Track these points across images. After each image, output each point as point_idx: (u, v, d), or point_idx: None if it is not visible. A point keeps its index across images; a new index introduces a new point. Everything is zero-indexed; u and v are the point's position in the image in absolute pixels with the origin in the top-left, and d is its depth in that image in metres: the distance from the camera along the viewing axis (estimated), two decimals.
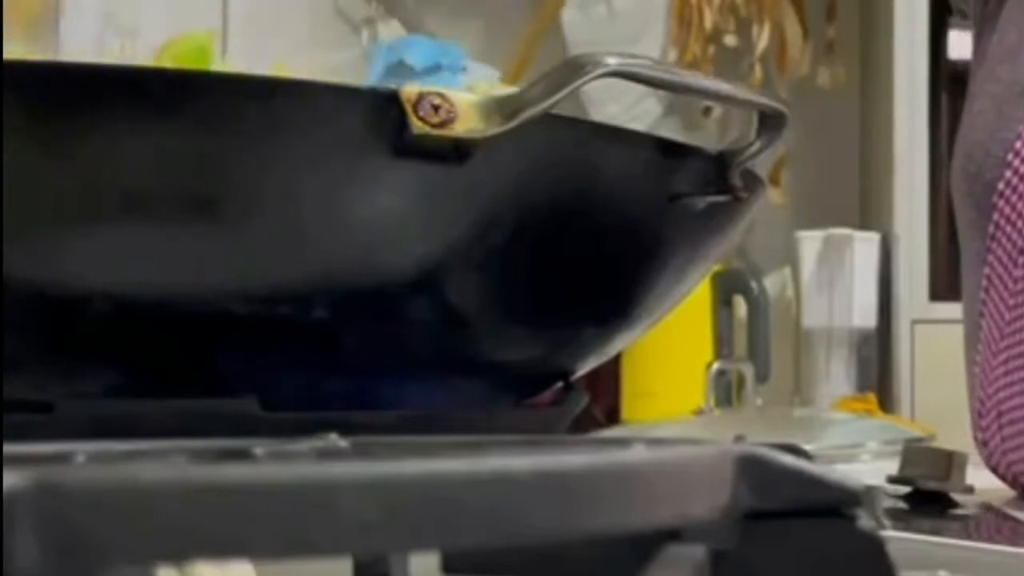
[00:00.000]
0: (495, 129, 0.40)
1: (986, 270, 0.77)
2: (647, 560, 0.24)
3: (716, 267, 1.58)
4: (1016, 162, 0.76)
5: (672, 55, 1.96)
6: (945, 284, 1.87)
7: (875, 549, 0.27)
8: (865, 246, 1.88)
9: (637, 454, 0.23)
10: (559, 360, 0.50)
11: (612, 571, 0.28)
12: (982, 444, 0.76)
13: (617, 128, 0.47)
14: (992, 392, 0.76)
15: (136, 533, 0.17)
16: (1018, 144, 0.76)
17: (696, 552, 0.25)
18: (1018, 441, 0.75)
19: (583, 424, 0.64)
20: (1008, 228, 0.76)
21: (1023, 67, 0.77)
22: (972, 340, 0.80)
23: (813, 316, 1.88)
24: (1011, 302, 0.76)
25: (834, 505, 0.28)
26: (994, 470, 0.76)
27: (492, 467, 0.20)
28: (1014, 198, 0.76)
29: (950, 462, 0.55)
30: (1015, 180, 0.76)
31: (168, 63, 0.43)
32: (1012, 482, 0.75)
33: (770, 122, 0.47)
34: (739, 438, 0.41)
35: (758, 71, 1.98)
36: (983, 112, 0.79)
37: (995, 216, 0.77)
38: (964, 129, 0.82)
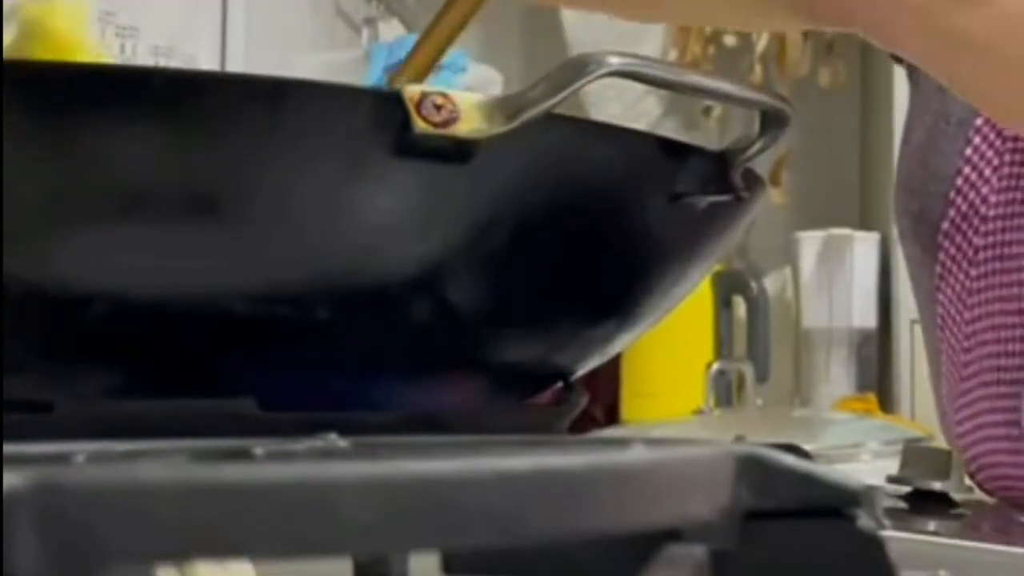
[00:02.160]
0: (497, 129, 0.40)
1: (939, 309, 0.76)
2: (647, 560, 0.24)
3: (716, 267, 1.58)
4: (959, 200, 0.74)
5: (672, 55, 1.96)
6: None
7: (875, 549, 0.27)
8: (865, 246, 1.88)
9: (637, 454, 0.23)
10: (559, 360, 0.50)
11: (612, 571, 0.28)
12: (969, 475, 0.75)
13: (619, 127, 0.47)
14: (960, 433, 0.75)
15: (136, 533, 0.17)
16: (959, 181, 0.74)
17: (696, 552, 0.25)
18: (997, 483, 0.74)
19: (583, 424, 0.64)
20: (955, 268, 0.74)
21: (956, 98, 0.76)
22: (935, 376, 0.79)
23: (813, 316, 1.88)
24: (965, 344, 0.74)
25: (834, 505, 0.28)
26: (989, 494, 0.76)
27: (492, 467, 0.20)
28: (959, 238, 0.74)
29: (950, 462, 0.55)
30: (958, 219, 0.74)
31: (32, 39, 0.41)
32: (1011, 504, 0.74)
33: (772, 121, 0.47)
34: (739, 438, 0.41)
35: (758, 71, 1.98)
36: (921, 147, 0.77)
37: (941, 256, 0.75)
38: (903, 163, 0.80)
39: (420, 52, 0.56)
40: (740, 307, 1.79)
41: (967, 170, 0.73)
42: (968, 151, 0.74)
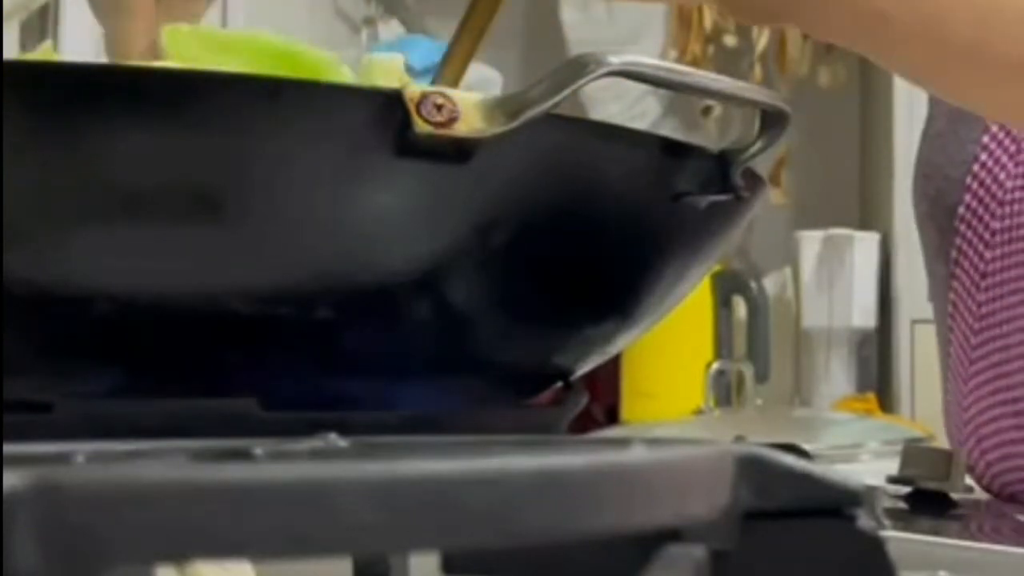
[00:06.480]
0: (498, 129, 0.40)
1: (951, 295, 0.77)
2: (647, 560, 0.24)
3: (716, 267, 1.58)
4: (975, 185, 0.75)
5: (672, 55, 1.96)
6: None
7: (875, 549, 0.27)
8: (865, 246, 1.88)
9: (637, 454, 0.23)
10: (559, 360, 0.50)
11: (612, 571, 0.28)
12: (969, 468, 0.75)
13: (620, 127, 0.47)
14: (968, 418, 0.75)
15: (136, 533, 0.17)
16: (976, 167, 0.75)
17: (696, 552, 0.25)
18: (1004, 465, 0.74)
19: (583, 424, 0.64)
20: (970, 252, 0.75)
21: None
22: (944, 364, 0.80)
23: (813, 316, 1.88)
24: (975, 326, 0.75)
25: (834, 505, 0.28)
26: (987, 490, 0.76)
27: (492, 467, 0.20)
28: (974, 222, 0.75)
29: (950, 462, 0.55)
30: (974, 204, 0.75)
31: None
32: (1009, 499, 0.74)
33: (772, 121, 0.47)
34: (739, 438, 0.41)
35: (758, 71, 1.98)
36: (940, 134, 0.79)
37: (957, 240, 0.76)
38: (922, 150, 0.81)
39: (450, 61, 0.56)
40: (740, 307, 1.79)
41: (984, 156, 0.74)
42: (985, 138, 0.75)
